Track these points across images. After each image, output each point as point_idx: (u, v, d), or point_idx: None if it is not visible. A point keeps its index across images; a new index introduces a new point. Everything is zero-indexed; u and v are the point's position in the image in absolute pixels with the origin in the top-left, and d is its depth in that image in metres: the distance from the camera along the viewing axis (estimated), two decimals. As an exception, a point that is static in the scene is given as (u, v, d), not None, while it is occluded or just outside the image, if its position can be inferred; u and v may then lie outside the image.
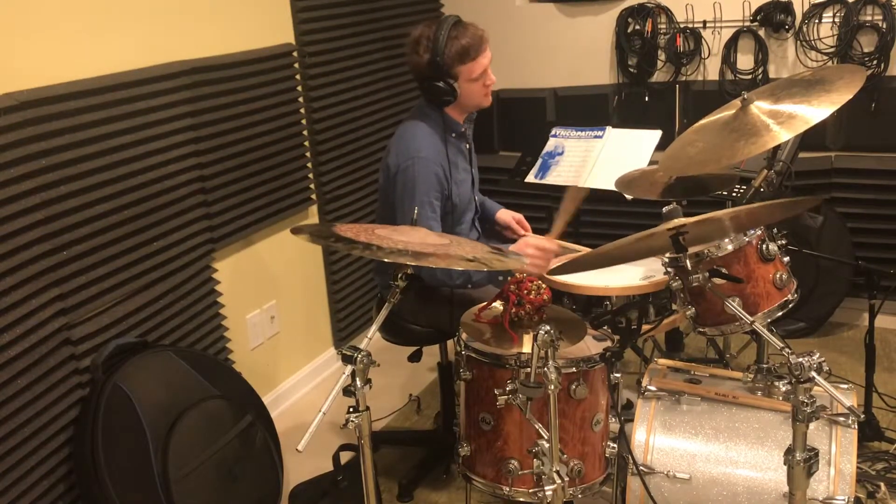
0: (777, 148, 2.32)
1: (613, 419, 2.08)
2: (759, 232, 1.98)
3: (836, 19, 3.35)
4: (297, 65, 3.16)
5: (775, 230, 2.06)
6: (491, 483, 2.04)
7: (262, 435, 2.54)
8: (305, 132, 3.24)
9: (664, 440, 2.09)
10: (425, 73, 2.45)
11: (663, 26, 3.67)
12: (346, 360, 1.71)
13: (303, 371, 3.43)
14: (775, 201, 1.91)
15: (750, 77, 3.55)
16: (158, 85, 2.53)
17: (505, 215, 2.84)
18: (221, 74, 2.79)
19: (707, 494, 2.02)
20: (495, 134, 4.10)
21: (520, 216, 2.86)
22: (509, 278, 2.01)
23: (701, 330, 2.05)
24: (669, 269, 2.01)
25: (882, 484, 2.41)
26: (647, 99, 3.76)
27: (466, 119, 2.60)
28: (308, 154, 3.27)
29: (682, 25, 3.63)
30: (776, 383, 2.10)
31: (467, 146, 2.63)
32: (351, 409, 1.73)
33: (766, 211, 1.91)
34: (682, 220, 1.80)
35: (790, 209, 2.04)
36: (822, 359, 1.61)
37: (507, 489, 2.01)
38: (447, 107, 2.51)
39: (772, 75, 3.54)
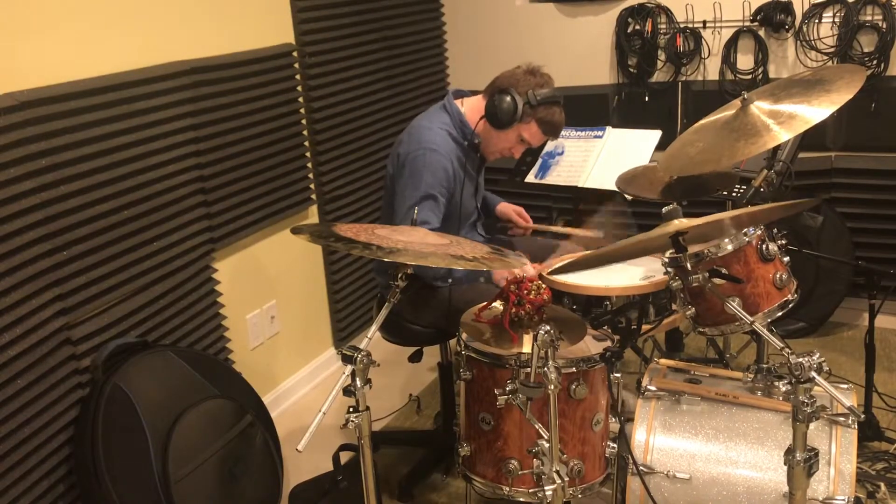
0: (777, 148, 2.32)
1: (613, 419, 2.08)
2: (759, 232, 1.98)
3: (836, 19, 3.35)
4: (297, 65, 3.16)
5: (775, 230, 2.06)
6: (491, 483, 2.04)
7: (262, 435, 2.54)
8: (305, 132, 3.24)
9: (664, 440, 2.09)
10: (513, 87, 2.45)
11: (663, 26, 3.67)
12: (346, 360, 1.71)
13: (303, 371, 3.43)
14: (775, 204, 1.91)
15: (750, 77, 3.55)
16: (158, 85, 2.53)
17: (506, 208, 2.84)
18: (221, 74, 2.79)
19: (707, 494, 2.02)
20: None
21: (520, 209, 2.86)
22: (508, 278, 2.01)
23: (701, 330, 2.05)
24: (669, 269, 2.01)
25: (882, 484, 2.41)
26: (647, 99, 3.76)
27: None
28: (308, 154, 3.27)
29: (682, 25, 3.63)
30: (776, 383, 2.10)
31: (478, 154, 2.63)
32: (351, 409, 1.73)
33: (766, 211, 1.91)
34: (683, 222, 1.80)
35: (789, 208, 2.04)
36: (822, 359, 1.61)
37: (507, 489, 2.01)
38: (478, 121, 2.51)
39: (772, 75, 3.54)
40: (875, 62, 3.31)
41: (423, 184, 2.42)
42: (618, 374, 2.06)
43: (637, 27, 3.71)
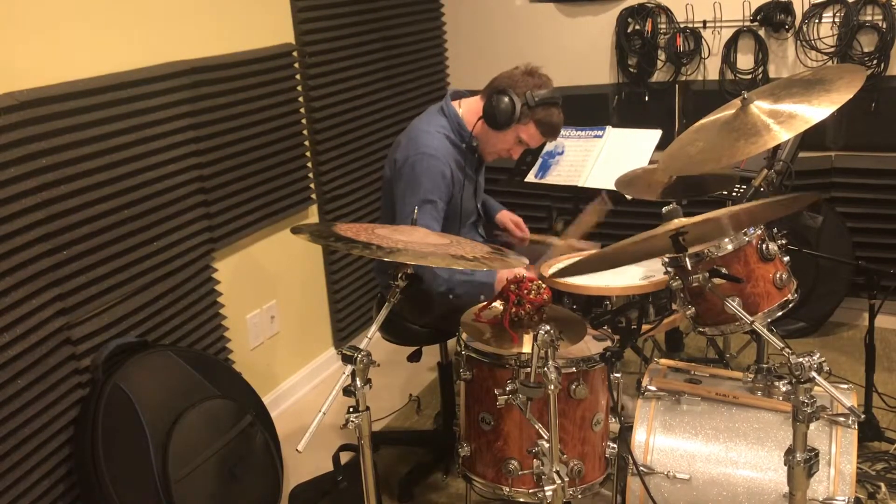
0: (777, 148, 2.32)
1: (613, 419, 2.08)
2: (759, 232, 1.98)
3: (836, 19, 3.35)
4: (297, 65, 3.16)
5: (775, 230, 2.06)
6: (491, 483, 2.04)
7: (262, 435, 2.54)
8: (305, 132, 3.24)
9: (664, 440, 2.09)
10: (511, 88, 2.44)
11: (663, 26, 3.67)
12: (346, 360, 1.71)
13: (303, 371, 3.43)
14: (774, 198, 1.91)
15: (750, 77, 3.55)
16: (158, 85, 2.53)
17: (503, 217, 2.84)
18: (221, 74, 2.79)
19: (707, 495, 2.02)
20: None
21: (518, 219, 2.85)
22: (508, 278, 2.01)
23: (701, 330, 2.05)
24: (669, 269, 2.01)
25: (882, 484, 2.41)
26: (647, 99, 3.76)
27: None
28: (308, 154, 3.27)
29: (682, 25, 3.63)
30: (776, 383, 2.10)
31: (476, 155, 2.63)
32: (351, 409, 1.73)
33: (765, 209, 1.90)
34: (683, 221, 1.80)
35: (789, 207, 2.04)
36: (823, 359, 1.61)
37: (507, 489, 2.01)
38: (476, 122, 2.50)
39: (772, 75, 3.54)
40: (875, 62, 3.31)
41: (422, 189, 2.41)
42: (618, 374, 2.06)
43: (637, 27, 3.71)
